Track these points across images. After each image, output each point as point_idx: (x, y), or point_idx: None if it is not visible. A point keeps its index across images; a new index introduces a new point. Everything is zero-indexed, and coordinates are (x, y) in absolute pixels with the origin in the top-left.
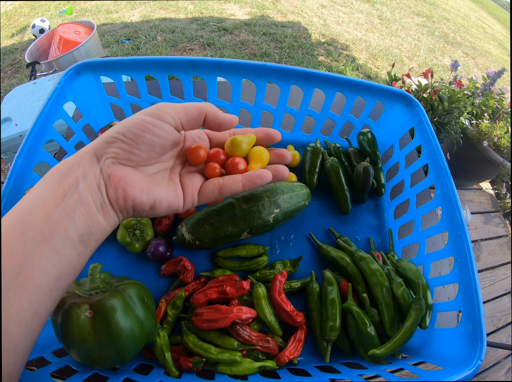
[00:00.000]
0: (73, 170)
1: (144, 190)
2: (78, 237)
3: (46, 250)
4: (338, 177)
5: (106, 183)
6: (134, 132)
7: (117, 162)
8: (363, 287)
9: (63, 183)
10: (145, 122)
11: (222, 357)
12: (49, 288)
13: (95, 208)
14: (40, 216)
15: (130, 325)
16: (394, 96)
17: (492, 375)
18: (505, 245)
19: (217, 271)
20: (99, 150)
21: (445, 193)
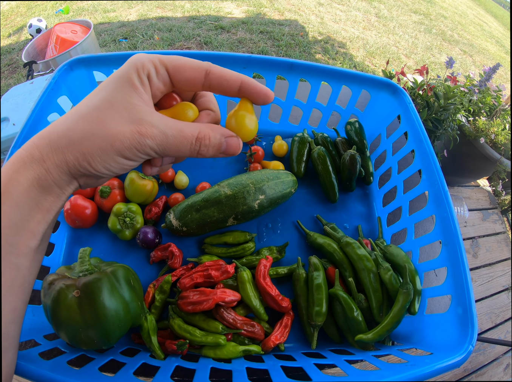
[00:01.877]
0: (51, 190)
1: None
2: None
3: (35, 255)
4: (325, 166)
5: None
6: (101, 171)
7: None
8: (350, 273)
9: (43, 204)
10: (128, 167)
11: (206, 340)
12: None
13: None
14: (23, 236)
15: (115, 305)
16: (380, 85)
17: (491, 371)
18: (503, 241)
19: (204, 257)
20: (76, 175)
21: (431, 177)
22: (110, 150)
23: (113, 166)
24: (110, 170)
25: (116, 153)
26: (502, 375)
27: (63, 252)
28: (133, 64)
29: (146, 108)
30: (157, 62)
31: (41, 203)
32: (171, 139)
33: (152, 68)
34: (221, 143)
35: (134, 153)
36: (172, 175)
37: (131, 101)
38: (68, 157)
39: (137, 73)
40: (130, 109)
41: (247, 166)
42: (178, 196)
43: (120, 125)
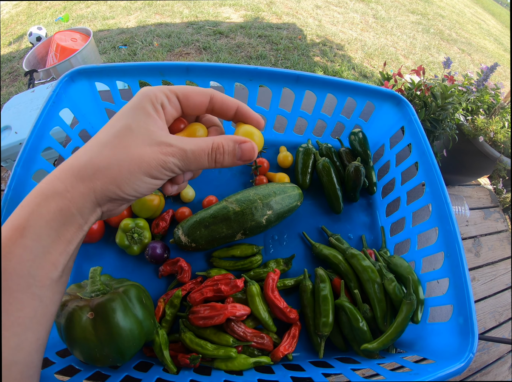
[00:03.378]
0: (75, 220)
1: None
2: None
3: (57, 287)
4: (330, 177)
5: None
6: (130, 194)
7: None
8: (355, 284)
9: (65, 235)
10: (154, 187)
11: (218, 353)
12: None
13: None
14: (44, 267)
15: (129, 325)
16: (384, 96)
17: (495, 370)
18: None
19: (213, 270)
20: (102, 201)
21: (435, 190)
22: (138, 172)
23: (141, 187)
24: (138, 191)
25: (144, 174)
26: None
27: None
28: (146, 95)
29: (163, 132)
30: (167, 91)
31: (63, 234)
32: (190, 153)
33: (164, 97)
34: (234, 149)
35: (160, 171)
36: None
37: (148, 128)
38: (95, 184)
39: (151, 103)
40: (148, 134)
41: (253, 178)
42: (185, 210)
43: (143, 148)
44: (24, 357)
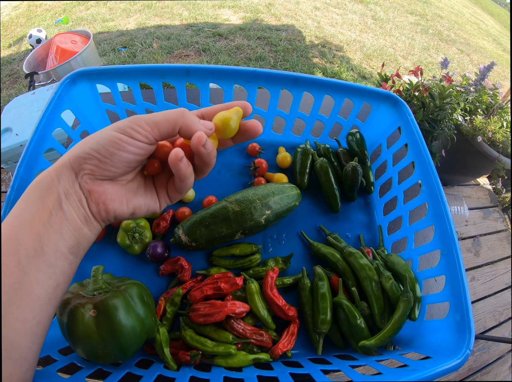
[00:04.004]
0: (54, 186)
1: (123, 201)
2: (68, 249)
3: (41, 264)
4: (328, 177)
5: (87, 198)
6: (109, 150)
7: (94, 177)
8: (353, 282)
9: (46, 200)
10: (120, 141)
11: (218, 350)
12: (48, 298)
13: (80, 222)
14: (30, 234)
15: (131, 323)
16: (381, 97)
17: (496, 369)
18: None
19: (213, 269)
20: (75, 164)
21: (431, 189)
22: (107, 128)
23: (109, 141)
24: (105, 146)
25: (113, 129)
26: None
27: None
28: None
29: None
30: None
31: (46, 203)
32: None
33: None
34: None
35: (129, 126)
36: None
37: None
38: (71, 151)
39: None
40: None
41: (252, 179)
42: (185, 210)
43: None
44: (8, 332)
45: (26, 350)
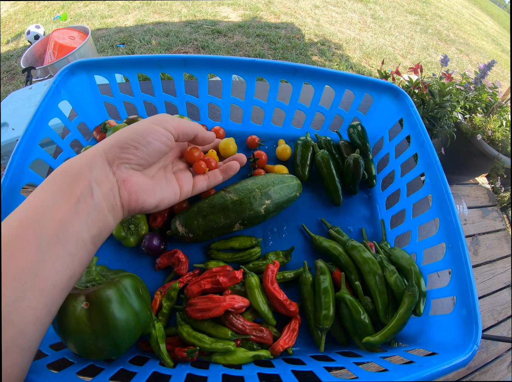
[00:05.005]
0: (85, 174)
1: (151, 193)
2: (90, 239)
3: (61, 252)
4: (329, 169)
5: (119, 187)
6: (147, 139)
7: (129, 167)
8: (356, 276)
9: (75, 187)
10: (155, 131)
11: (216, 346)
12: (62, 287)
13: (107, 211)
14: (54, 220)
15: (125, 316)
16: (382, 88)
17: (494, 368)
18: (503, 238)
19: (211, 262)
20: (111, 154)
21: (435, 180)
22: (144, 121)
23: (149, 133)
24: (144, 136)
25: (149, 121)
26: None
27: None
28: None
29: None
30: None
31: (73, 189)
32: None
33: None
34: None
35: (163, 119)
36: None
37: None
38: (106, 141)
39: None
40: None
41: (251, 171)
42: (183, 202)
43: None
44: (19, 319)
45: (32, 340)
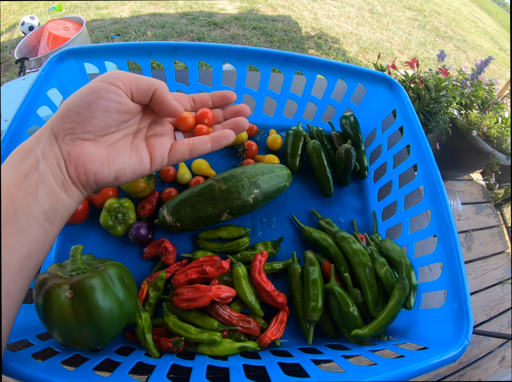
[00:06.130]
0: (33, 150)
1: (105, 162)
2: (43, 215)
3: (12, 229)
4: (320, 159)
5: (65, 160)
6: (88, 100)
7: (75, 137)
8: (346, 268)
9: (23, 164)
10: (98, 88)
11: (202, 337)
12: (19, 267)
13: (57, 186)
14: (4, 198)
15: (109, 305)
16: (376, 79)
17: (486, 364)
18: (496, 235)
19: (199, 252)
20: (56, 126)
21: (427, 172)
22: (89, 83)
23: (92, 96)
24: (88, 101)
25: (96, 79)
26: (498, 367)
27: (54, 249)
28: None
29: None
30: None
31: (22, 165)
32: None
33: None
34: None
35: (110, 74)
36: (174, 173)
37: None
38: (54, 116)
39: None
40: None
41: (241, 161)
42: (171, 190)
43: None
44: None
45: (19, 291)
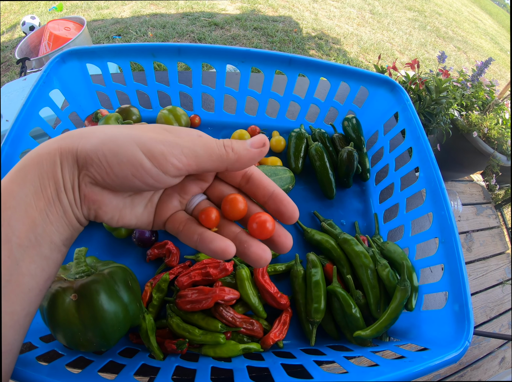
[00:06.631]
0: (56, 172)
1: (115, 216)
2: (62, 242)
3: (34, 256)
4: (323, 162)
5: (81, 200)
6: (123, 171)
7: (95, 183)
8: (348, 270)
9: (46, 185)
10: (142, 169)
11: (205, 339)
12: (39, 290)
13: (75, 220)
14: (24, 221)
15: (114, 308)
16: (378, 82)
17: (486, 364)
18: (496, 236)
19: (202, 254)
20: (81, 160)
21: (429, 175)
22: (131, 143)
23: (129, 160)
24: (124, 161)
25: (137, 144)
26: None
27: None
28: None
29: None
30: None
31: (45, 188)
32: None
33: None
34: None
35: (164, 155)
36: None
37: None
38: (78, 145)
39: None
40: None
41: None
42: None
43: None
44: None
45: (13, 342)
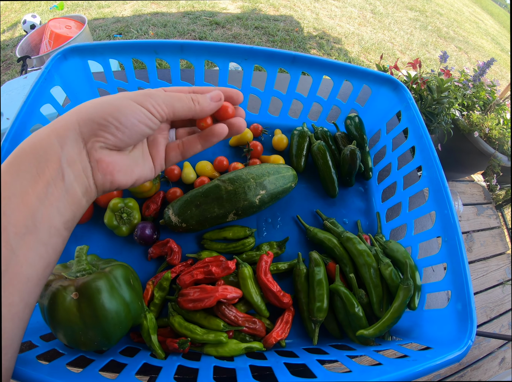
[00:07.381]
0: (55, 153)
1: (128, 172)
2: (63, 225)
3: (32, 243)
4: (325, 160)
5: (93, 167)
6: (131, 121)
7: (105, 146)
8: (351, 268)
9: (43, 169)
10: (142, 113)
11: (208, 338)
12: (38, 279)
13: (81, 194)
14: (21, 208)
15: (115, 307)
16: (381, 80)
17: (486, 365)
18: (497, 236)
19: (204, 253)
20: (86, 129)
21: (432, 173)
22: (124, 97)
23: (128, 110)
24: (125, 113)
25: (130, 98)
26: (497, 369)
27: None
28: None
29: None
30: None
31: (42, 172)
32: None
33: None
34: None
35: (146, 100)
36: (179, 172)
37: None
38: (80, 111)
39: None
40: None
41: (246, 161)
42: (177, 190)
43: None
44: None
45: (12, 336)
